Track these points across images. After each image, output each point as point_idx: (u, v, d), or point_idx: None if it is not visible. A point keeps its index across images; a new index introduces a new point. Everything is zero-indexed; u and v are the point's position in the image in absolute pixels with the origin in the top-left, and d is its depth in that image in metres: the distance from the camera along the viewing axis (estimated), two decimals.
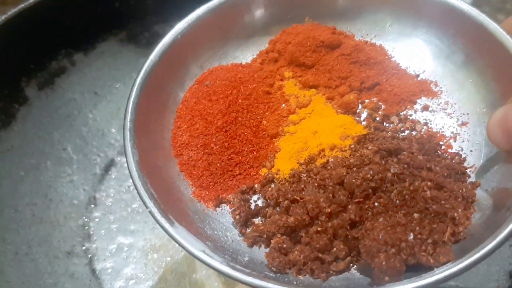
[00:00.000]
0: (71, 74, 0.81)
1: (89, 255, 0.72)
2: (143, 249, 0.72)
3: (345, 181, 0.44)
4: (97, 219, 0.76)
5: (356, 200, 0.43)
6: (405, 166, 0.45)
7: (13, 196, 0.72)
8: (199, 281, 0.69)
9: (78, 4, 0.77)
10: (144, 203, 0.45)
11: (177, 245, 0.40)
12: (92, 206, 0.77)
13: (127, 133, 0.49)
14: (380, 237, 0.40)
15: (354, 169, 0.45)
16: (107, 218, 0.76)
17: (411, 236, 0.41)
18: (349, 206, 0.43)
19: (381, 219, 0.42)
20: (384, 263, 0.39)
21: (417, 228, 0.41)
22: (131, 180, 0.79)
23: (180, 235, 0.43)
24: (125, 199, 0.78)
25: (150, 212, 0.45)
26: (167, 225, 0.44)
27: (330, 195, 0.44)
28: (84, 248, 0.73)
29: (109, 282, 0.70)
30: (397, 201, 0.43)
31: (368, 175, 0.43)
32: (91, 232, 0.74)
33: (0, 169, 0.71)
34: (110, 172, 0.81)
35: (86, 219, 0.76)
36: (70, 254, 0.71)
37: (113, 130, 0.84)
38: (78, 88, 0.82)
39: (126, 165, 0.81)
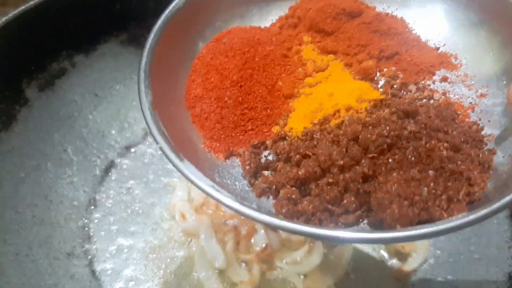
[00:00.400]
0: (71, 75, 0.81)
1: (89, 256, 0.72)
2: (143, 251, 0.72)
3: (360, 137, 0.43)
4: (97, 221, 0.76)
5: (370, 155, 0.42)
6: (422, 126, 0.44)
7: (14, 197, 0.72)
8: (199, 282, 0.69)
9: (79, 6, 0.77)
10: (155, 139, 0.44)
11: (177, 246, 0.41)
12: (92, 207, 0.77)
13: (142, 74, 0.49)
14: (393, 189, 0.40)
15: (370, 127, 0.44)
16: (107, 220, 0.76)
17: (425, 191, 0.40)
18: (363, 161, 0.42)
19: (394, 174, 0.41)
20: (396, 211, 0.38)
21: (432, 184, 0.40)
22: (131, 182, 0.81)
23: (190, 171, 0.42)
24: (125, 200, 0.78)
25: (161, 148, 0.44)
26: (177, 161, 0.43)
27: (344, 149, 0.43)
28: (84, 249, 0.73)
29: (109, 284, 0.70)
30: (412, 158, 0.42)
31: (384, 131, 0.42)
32: (91, 234, 0.75)
33: (1, 170, 0.71)
34: (110, 174, 0.81)
35: (86, 221, 0.76)
36: (70, 255, 0.72)
37: (113, 132, 0.84)
38: (79, 90, 0.83)
39: (125, 166, 0.82)
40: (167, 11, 0.53)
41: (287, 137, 0.49)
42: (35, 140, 0.77)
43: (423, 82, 0.53)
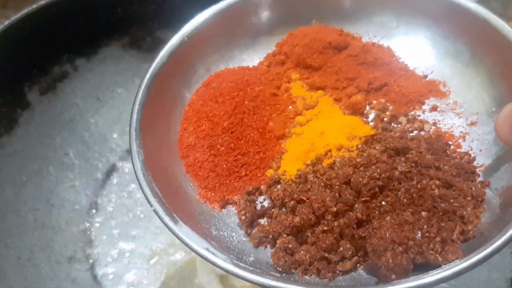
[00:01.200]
0: (73, 79, 0.81)
1: (91, 261, 0.72)
2: (144, 255, 0.72)
3: (351, 180, 0.44)
4: (98, 225, 0.76)
5: (363, 199, 0.43)
6: (413, 164, 0.45)
7: (16, 201, 0.72)
8: (201, 287, 0.69)
9: (81, 10, 0.77)
10: (149, 201, 0.45)
11: (178, 250, 0.41)
12: (94, 211, 0.77)
13: (133, 133, 0.49)
14: (387, 235, 0.40)
15: (361, 168, 0.45)
16: (108, 224, 0.76)
17: (419, 235, 0.40)
18: (356, 205, 0.43)
19: (388, 218, 0.42)
20: (390, 261, 0.39)
21: (425, 226, 0.41)
22: (132, 185, 0.81)
23: (184, 234, 0.43)
24: (127, 204, 0.78)
25: (155, 211, 0.44)
26: (171, 224, 0.43)
27: (337, 194, 0.43)
28: (85, 253, 0.73)
29: None
30: (405, 200, 0.42)
31: (375, 174, 0.43)
32: (93, 238, 0.75)
33: (3, 174, 0.71)
34: (111, 177, 0.81)
35: (87, 225, 0.76)
36: (71, 259, 0.72)
37: (115, 135, 0.84)
38: (80, 93, 0.83)
39: (127, 170, 0.82)
40: (152, 67, 0.53)
41: (281, 181, 0.49)
42: (36, 144, 0.77)
43: (412, 113, 0.53)
